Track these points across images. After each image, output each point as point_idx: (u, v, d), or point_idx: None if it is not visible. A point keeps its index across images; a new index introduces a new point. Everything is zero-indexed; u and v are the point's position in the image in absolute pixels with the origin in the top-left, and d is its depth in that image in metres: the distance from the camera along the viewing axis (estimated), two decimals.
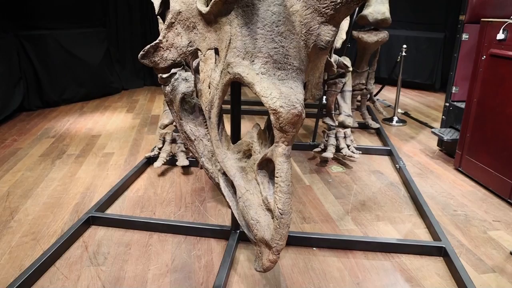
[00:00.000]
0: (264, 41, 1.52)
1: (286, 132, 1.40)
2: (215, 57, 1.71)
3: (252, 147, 1.65)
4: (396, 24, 6.16)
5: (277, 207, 1.43)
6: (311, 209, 2.88)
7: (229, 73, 1.57)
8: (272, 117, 1.41)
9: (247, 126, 4.56)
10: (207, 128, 1.92)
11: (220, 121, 1.71)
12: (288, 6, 1.56)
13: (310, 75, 1.98)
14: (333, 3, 1.54)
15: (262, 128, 1.76)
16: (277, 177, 1.43)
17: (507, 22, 3.02)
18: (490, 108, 3.19)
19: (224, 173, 1.77)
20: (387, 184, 3.31)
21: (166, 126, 3.40)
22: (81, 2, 5.87)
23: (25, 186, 3.18)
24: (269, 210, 1.51)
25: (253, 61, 1.52)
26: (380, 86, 5.42)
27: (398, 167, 3.52)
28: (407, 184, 3.22)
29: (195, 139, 1.96)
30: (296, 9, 1.57)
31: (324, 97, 3.71)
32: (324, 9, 1.56)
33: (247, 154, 1.69)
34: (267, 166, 1.56)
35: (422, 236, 2.57)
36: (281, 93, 1.42)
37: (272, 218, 1.48)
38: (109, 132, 4.51)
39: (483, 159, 3.26)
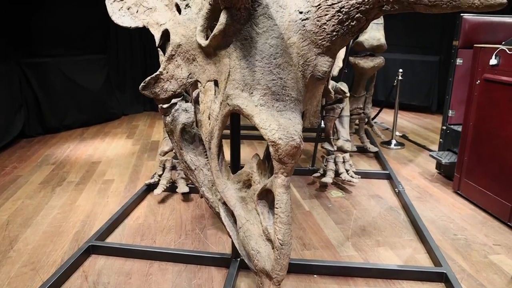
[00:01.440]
0: (262, 73, 1.56)
1: (285, 163, 1.43)
2: (214, 89, 1.75)
3: (252, 177, 1.67)
4: (392, 48, 6.26)
5: (277, 237, 1.44)
6: (311, 235, 2.88)
7: (228, 104, 1.61)
8: (271, 149, 1.44)
9: (246, 152, 4.59)
10: (207, 157, 1.94)
11: (220, 152, 1.74)
12: (286, 39, 1.61)
13: (308, 104, 2.02)
14: (329, 36, 1.59)
15: (262, 157, 1.79)
16: (276, 208, 1.45)
17: (499, 48, 3.09)
18: (486, 131, 3.23)
19: (224, 203, 1.79)
20: (387, 208, 3.31)
21: (166, 153, 3.43)
22: (83, 29, 5.98)
23: (25, 214, 3.18)
24: (270, 240, 1.52)
25: (252, 93, 1.56)
26: (378, 109, 5.48)
27: (397, 191, 3.54)
28: (407, 208, 3.23)
29: (195, 169, 1.98)
30: (293, 41, 1.62)
31: (323, 121, 3.75)
32: (320, 41, 1.61)
33: (247, 184, 1.71)
34: (267, 197, 1.58)
35: (423, 261, 2.57)
36: (279, 125, 1.46)
37: (273, 248, 1.50)
38: (109, 158, 4.54)
39: (482, 182, 3.28)
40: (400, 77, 4.89)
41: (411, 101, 7.08)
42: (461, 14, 3.73)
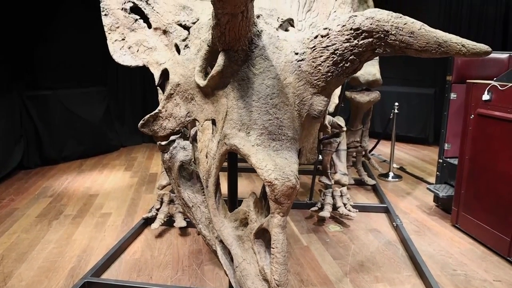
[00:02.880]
0: (259, 113, 1.60)
1: (281, 203, 1.45)
2: (212, 128, 1.78)
3: (248, 215, 1.68)
4: (388, 80, 6.39)
5: (274, 278, 1.44)
6: (309, 271, 2.85)
7: (225, 144, 1.64)
8: (267, 189, 1.46)
9: (244, 185, 4.60)
10: (204, 195, 1.95)
11: (217, 190, 1.76)
12: (282, 79, 1.66)
13: (305, 141, 2.06)
14: (324, 76, 1.64)
15: (258, 195, 1.80)
16: (273, 248, 1.46)
17: (491, 84, 3.16)
18: (481, 165, 3.25)
19: (221, 241, 1.79)
20: (385, 243, 3.30)
21: (164, 187, 3.44)
22: (84, 62, 6.10)
23: (20, 249, 3.16)
24: (266, 280, 1.52)
25: (249, 132, 1.59)
26: (375, 140, 5.53)
27: (395, 225, 3.53)
28: (405, 243, 3.21)
29: (192, 206, 1.99)
30: (289, 81, 1.66)
31: (320, 155, 3.78)
32: (315, 81, 1.65)
33: (244, 222, 1.71)
34: (263, 236, 1.59)
35: None
36: (276, 165, 1.48)
37: None
38: (107, 191, 4.53)
39: (479, 216, 3.28)
40: (396, 111, 4.96)
41: (408, 133, 7.15)
42: None
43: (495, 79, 3.26)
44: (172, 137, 2.09)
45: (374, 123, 7.04)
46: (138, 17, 2.24)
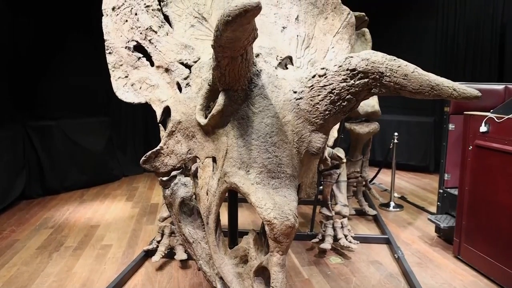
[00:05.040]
0: (258, 152, 1.63)
1: (280, 242, 1.46)
2: (212, 165, 1.81)
3: (248, 253, 1.69)
4: (388, 109, 6.49)
5: None
6: None
7: (226, 182, 1.67)
8: (266, 228, 1.48)
9: (245, 215, 4.60)
10: (205, 230, 1.97)
11: (217, 227, 1.77)
12: (281, 117, 1.70)
13: (304, 177, 2.08)
14: (322, 114, 1.69)
15: (259, 227, 1.81)
16: (272, 286, 1.47)
17: (487, 116, 3.21)
18: (481, 196, 3.26)
19: (221, 278, 1.79)
20: (387, 275, 3.27)
21: (165, 219, 3.45)
22: (87, 93, 6.21)
23: (19, 282, 3.14)
24: None
25: (249, 171, 1.62)
26: (376, 169, 5.55)
27: (397, 256, 3.51)
28: (407, 276, 3.18)
29: (193, 242, 2.01)
30: (288, 119, 1.71)
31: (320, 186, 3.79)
32: (314, 119, 1.70)
33: (244, 259, 1.73)
34: (263, 273, 1.60)
35: None
36: (275, 204, 1.51)
37: None
38: (108, 222, 4.53)
39: (481, 248, 3.27)
40: (395, 140, 5.00)
41: (409, 161, 7.17)
42: None
43: (491, 111, 3.30)
44: (173, 173, 2.12)
45: (374, 152, 7.07)
46: (141, 55, 2.31)
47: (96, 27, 2.67)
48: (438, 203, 4.18)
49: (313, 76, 1.69)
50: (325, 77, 1.66)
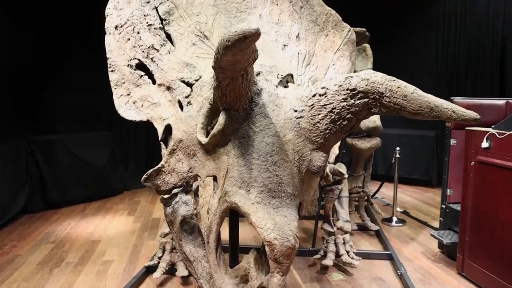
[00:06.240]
0: (259, 171, 1.64)
1: (281, 263, 1.46)
2: (213, 184, 1.82)
3: (249, 272, 1.68)
4: (390, 123, 6.49)
5: None
6: None
7: (226, 201, 1.67)
8: (267, 248, 1.47)
9: (246, 230, 4.57)
10: (205, 249, 1.97)
11: (218, 246, 1.77)
12: (281, 136, 1.71)
13: (305, 195, 2.08)
14: (322, 133, 1.70)
15: (259, 251, 1.81)
16: None
17: (489, 131, 3.21)
18: (484, 212, 3.24)
19: None
20: None
21: (166, 235, 3.43)
22: (89, 107, 6.24)
23: None
24: None
25: (249, 190, 1.63)
26: (378, 183, 5.53)
27: (399, 273, 3.48)
28: None
29: (194, 260, 2.00)
30: (289, 138, 1.71)
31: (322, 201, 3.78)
32: (314, 138, 1.70)
33: (245, 279, 1.72)
34: None
35: None
36: (275, 224, 1.50)
37: None
38: (110, 236, 4.52)
39: (485, 264, 3.24)
40: (398, 155, 4.99)
41: (411, 175, 7.15)
42: (451, 98, 3.90)
43: (493, 126, 3.30)
44: (174, 191, 2.13)
45: (376, 166, 7.06)
46: (143, 73, 2.33)
47: (99, 43, 2.69)
48: (441, 218, 4.16)
49: (314, 95, 1.70)
50: (325, 96, 1.67)
